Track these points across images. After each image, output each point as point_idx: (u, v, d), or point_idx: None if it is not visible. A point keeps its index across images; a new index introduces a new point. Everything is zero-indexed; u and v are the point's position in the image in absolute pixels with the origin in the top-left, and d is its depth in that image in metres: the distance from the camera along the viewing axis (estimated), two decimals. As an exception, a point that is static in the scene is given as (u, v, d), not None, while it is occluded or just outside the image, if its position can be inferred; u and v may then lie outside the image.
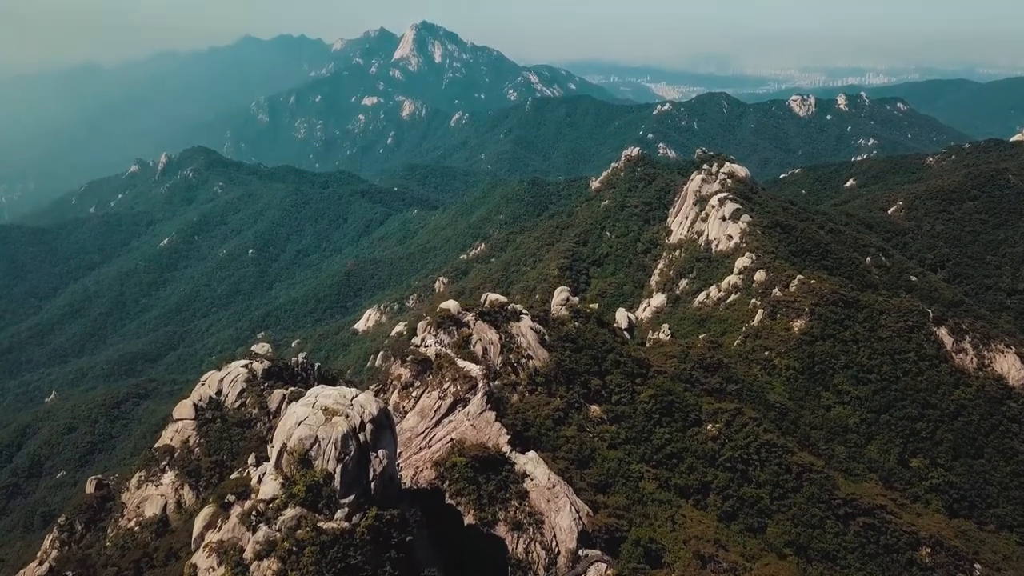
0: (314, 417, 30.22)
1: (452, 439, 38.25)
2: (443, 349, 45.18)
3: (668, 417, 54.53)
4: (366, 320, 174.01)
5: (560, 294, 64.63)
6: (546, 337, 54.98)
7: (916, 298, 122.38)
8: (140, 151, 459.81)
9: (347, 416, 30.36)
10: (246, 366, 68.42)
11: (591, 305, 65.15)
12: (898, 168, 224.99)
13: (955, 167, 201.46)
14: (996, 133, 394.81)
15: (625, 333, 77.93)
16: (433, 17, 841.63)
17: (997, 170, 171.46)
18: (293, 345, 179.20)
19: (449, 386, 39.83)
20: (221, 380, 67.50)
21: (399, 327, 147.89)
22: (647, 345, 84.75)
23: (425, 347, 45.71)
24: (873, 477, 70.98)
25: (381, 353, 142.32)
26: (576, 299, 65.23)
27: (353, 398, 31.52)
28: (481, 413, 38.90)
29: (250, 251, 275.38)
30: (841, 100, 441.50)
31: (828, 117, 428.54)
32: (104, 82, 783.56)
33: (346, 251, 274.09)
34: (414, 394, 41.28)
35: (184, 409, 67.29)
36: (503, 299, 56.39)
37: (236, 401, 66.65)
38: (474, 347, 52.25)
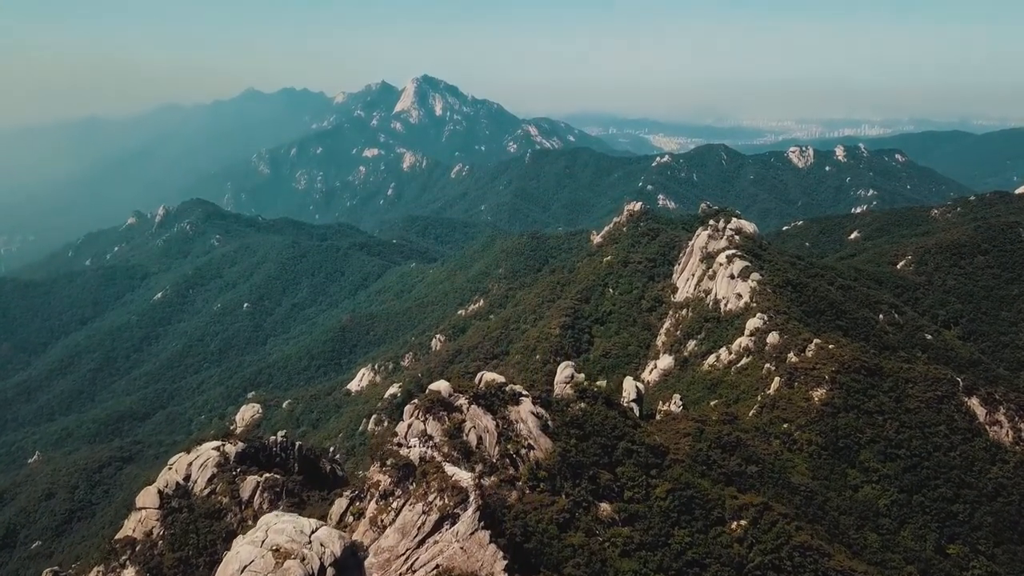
0: (262, 561, 24.33)
1: (438, 565, 32.16)
2: (428, 451, 39.35)
3: (688, 515, 48.16)
4: (359, 380, 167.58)
5: (564, 370, 58.95)
6: (549, 423, 49.07)
7: (932, 357, 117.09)
8: (142, 203, 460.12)
9: (303, 559, 24.47)
10: (218, 448, 62.11)
11: (599, 383, 59.38)
12: (903, 220, 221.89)
13: (962, 220, 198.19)
14: (994, 183, 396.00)
15: (634, 406, 72.01)
16: (434, 71, 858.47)
17: (1007, 223, 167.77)
18: (284, 406, 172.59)
19: (435, 498, 33.85)
20: (190, 464, 61.12)
21: (393, 388, 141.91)
22: (657, 417, 78.64)
23: (408, 448, 39.93)
24: (911, 570, 64.02)
25: (374, 417, 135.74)
26: (582, 376, 59.46)
27: (312, 533, 25.65)
28: (472, 533, 32.85)
29: (245, 305, 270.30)
30: (839, 151, 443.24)
31: (827, 168, 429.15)
32: (108, 135, 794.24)
33: (342, 305, 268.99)
34: (394, 505, 35.28)
35: (148, 497, 60.68)
36: (500, 379, 50.70)
37: (205, 488, 60.14)
38: (467, 436, 46.37)
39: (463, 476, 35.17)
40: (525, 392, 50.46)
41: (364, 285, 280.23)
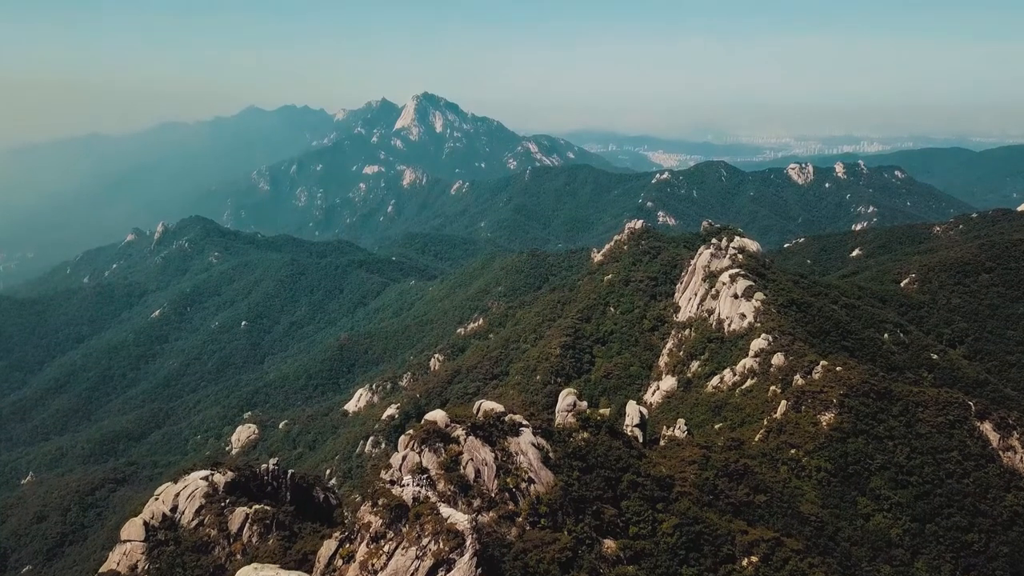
0: (239, 622, 22.27)
1: (432, 616, 30.09)
2: (422, 491, 37.32)
3: (696, 552, 46.01)
4: (357, 400, 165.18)
5: (566, 398, 56.89)
6: (550, 455, 47.00)
7: (939, 378, 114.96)
8: (143, 221, 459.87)
9: (284, 620, 22.39)
10: (206, 478, 60.02)
11: (602, 410, 57.34)
12: (905, 238, 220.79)
13: (964, 237, 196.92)
14: (993, 200, 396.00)
15: (637, 431, 69.88)
16: (434, 88, 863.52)
17: (1011, 241, 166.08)
18: (281, 426, 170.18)
19: (429, 542, 31.80)
20: (177, 495, 59.01)
21: (391, 410, 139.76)
22: (661, 443, 76.45)
23: (401, 486, 37.93)
24: (927, 605, 61.59)
25: (371, 439, 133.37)
26: (584, 404, 57.41)
27: (295, 590, 23.54)
28: (469, 581, 30.81)
29: (243, 323, 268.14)
30: (839, 168, 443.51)
31: (827, 185, 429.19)
32: (109, 152, 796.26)
33: (341, 323, 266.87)
34: (386, 548, 33.21)
35: (134, 529, 58.56)
36: (499, 408, 48.67)
37: (193, 520, 57.99)
38: (464, 468, 44.29)
39: (459, 518, 33.12)
40: (525, 422, 48.40)
41: (363, 303, 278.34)
